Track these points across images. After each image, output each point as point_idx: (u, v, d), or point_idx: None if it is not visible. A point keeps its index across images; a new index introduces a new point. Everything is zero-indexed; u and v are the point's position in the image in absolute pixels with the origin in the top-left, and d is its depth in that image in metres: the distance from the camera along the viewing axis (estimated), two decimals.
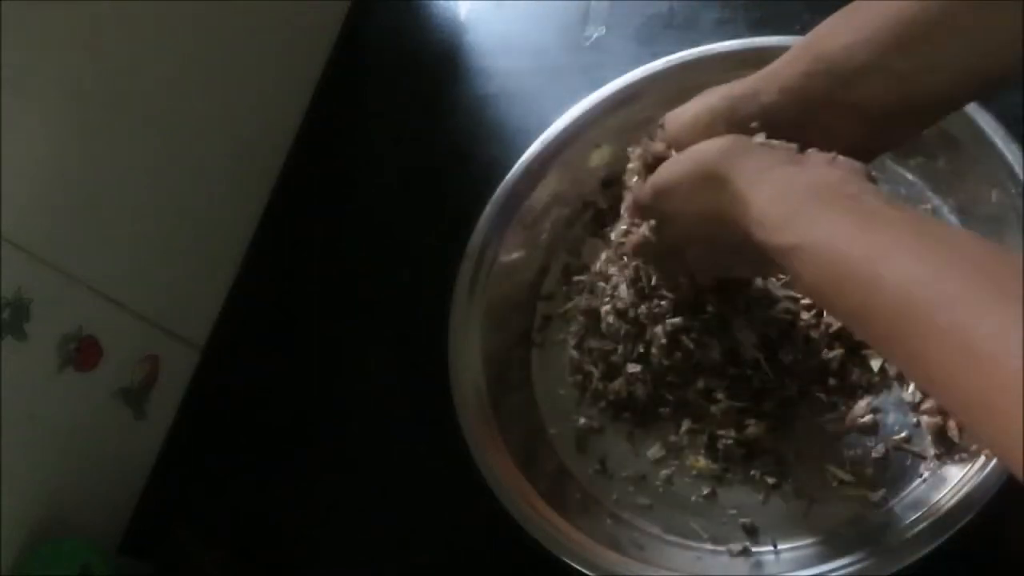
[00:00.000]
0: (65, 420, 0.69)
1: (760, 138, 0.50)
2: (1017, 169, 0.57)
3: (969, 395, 0.35)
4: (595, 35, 0.81)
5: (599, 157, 0.60)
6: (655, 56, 0.71)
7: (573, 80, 0.77)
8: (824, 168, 0.47)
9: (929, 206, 0.63)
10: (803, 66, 0.50)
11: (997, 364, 0.34)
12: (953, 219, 0.62)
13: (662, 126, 0.57)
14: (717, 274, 0.60)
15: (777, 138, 0.50)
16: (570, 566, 0.58)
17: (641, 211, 0.57)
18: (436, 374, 0.67)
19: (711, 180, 0.50)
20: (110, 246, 0.71)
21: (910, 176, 0.64)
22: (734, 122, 0.52)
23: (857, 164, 0.47)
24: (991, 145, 0.58)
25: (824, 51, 0.49)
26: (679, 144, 0.54)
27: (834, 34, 0.49)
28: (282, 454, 0.76)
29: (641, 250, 0.59)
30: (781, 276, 0.61)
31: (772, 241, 0.46)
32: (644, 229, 0.57)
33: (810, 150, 0.49)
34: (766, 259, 0.47)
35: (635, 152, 0.59)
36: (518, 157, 0.72)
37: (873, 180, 0.47)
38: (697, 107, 0.54)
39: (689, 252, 0.57)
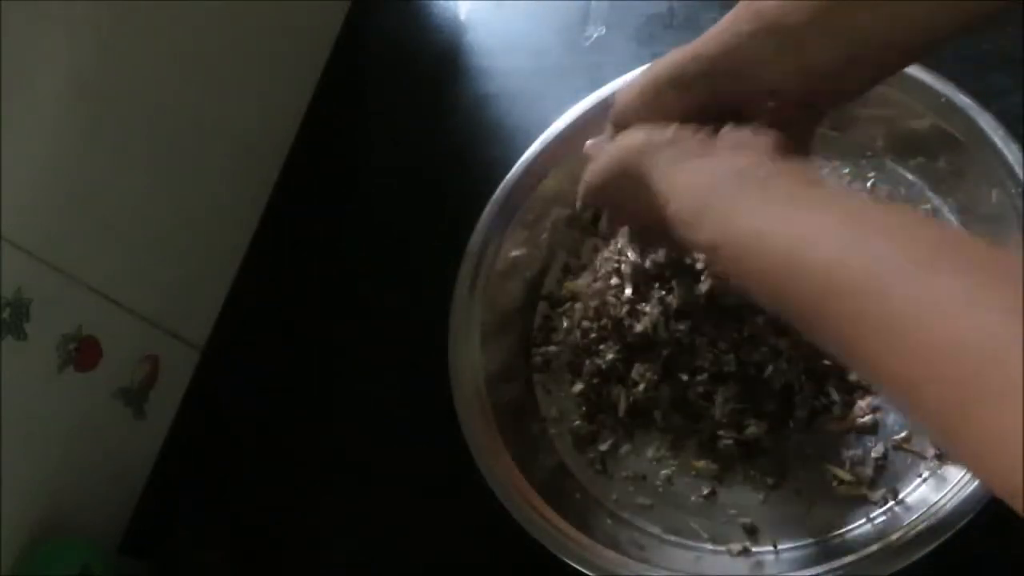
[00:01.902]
0: (65, 420, 0.69)
1: (671, 129, 0.50)
2: (1017, 169, 0.57)
3: (891, 368, 0.34)
4: (595, 35, 0.81)
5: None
6: (655, 56, 0.69)
7: (573, 80, 0.77)
8: (731, 155, 0.46)
9: (929, 206, 0.63)
10: (746, 26, 0.48)
11: (919, 336, 0.32)
12: (953, 219, 0.62)
13: (612, 104, 0.56)
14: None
15: (721, 101, 0.49)
16: (570, 566, 0.58)
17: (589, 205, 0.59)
18: (436, 374, 0.67)
19: (631, 179, 0.51)
20: (110, 246, 0.71)
21: (910, 176, 0.64)
22: (681, 88, 0.51)
23: (767, 141, 0.46)
24: (991, 145, 0.58)
25: (767, 10, 0.47)
26: (628, 120, 0.54)
27: None
28: (282, 454, 0.76)
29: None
30: None
31: (692, 240, 0.46)
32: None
33: (723, 130, 0.48)
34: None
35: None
36: (518, 157, 0.72)
37: (788, 149, 0.46)
38: (643, 79, 0.54)
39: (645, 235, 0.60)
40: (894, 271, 0.35)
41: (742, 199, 0.44)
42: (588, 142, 0.60)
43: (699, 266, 0.63)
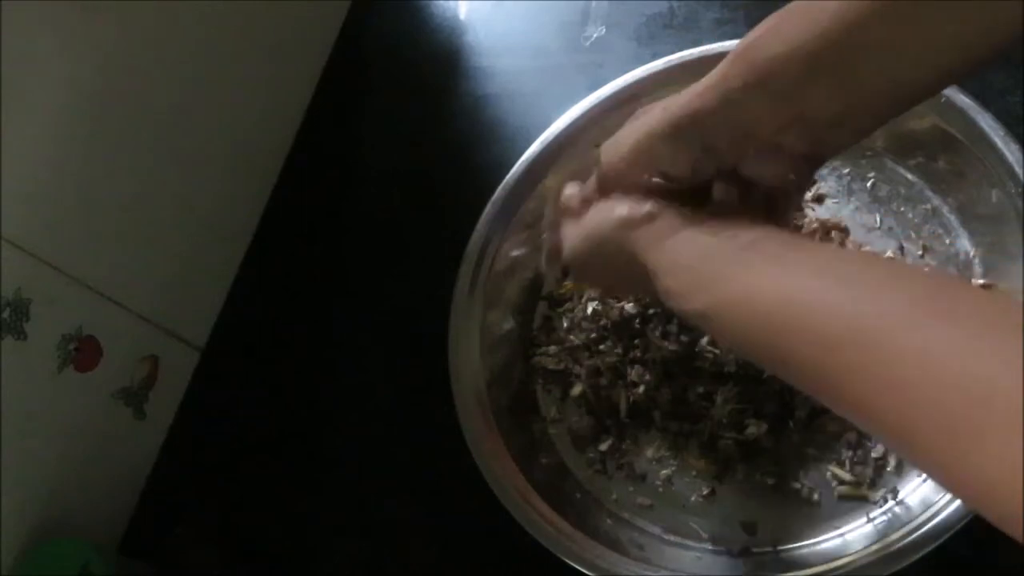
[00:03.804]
0: (65, 420, 0.69)
1: (650, 204, 0.50)
2: (1017, 169, 0.57)
3: (889, 414, 0.35)
4: (595, 35, 0.81)
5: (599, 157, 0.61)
6: (655, 56, 0.71)
7: (573, 80, 0.77)
8: (718, 225, 0.47)
9: (929, 206, 0.63)
10: (740, 81, 0.46)
11: (916, 384, 0.33)
12: (953, 219, 0.62)
13: (598, 161, 0.54)
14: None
15: (717, 154, 0.49)
16: (570, 566, 0.58)
17: (561, 269, 0.59)
18: (436, 374, 0.67)
19: (615, 256, 0.51)
20: (110, 246, 0.71)
21: (910, 176, 0.64)
22: (676, 143, 0.50)
23: (753, 208, 0.48)
24: (991, 145, 0.58)
25: (761, 62, 0.45)
26: (619, 174, 0.53)
27: (770, 43, 0.45)
28: (282, 454, 0.76)
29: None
30: None
31: (681, 310, 0.47)
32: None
33: (709, 205, 0.49)
34: None
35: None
36: (518, 157, 0.72)
37: (774, 213, 0.48)
38: (636, 133, 0.52)
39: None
40: (886, 321, 0.36)
41: (730, 266, 0.44)
42: (565, 191, 0.58)
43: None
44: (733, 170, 0.50)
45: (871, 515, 0.57)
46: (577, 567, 0.58)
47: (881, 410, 0.35)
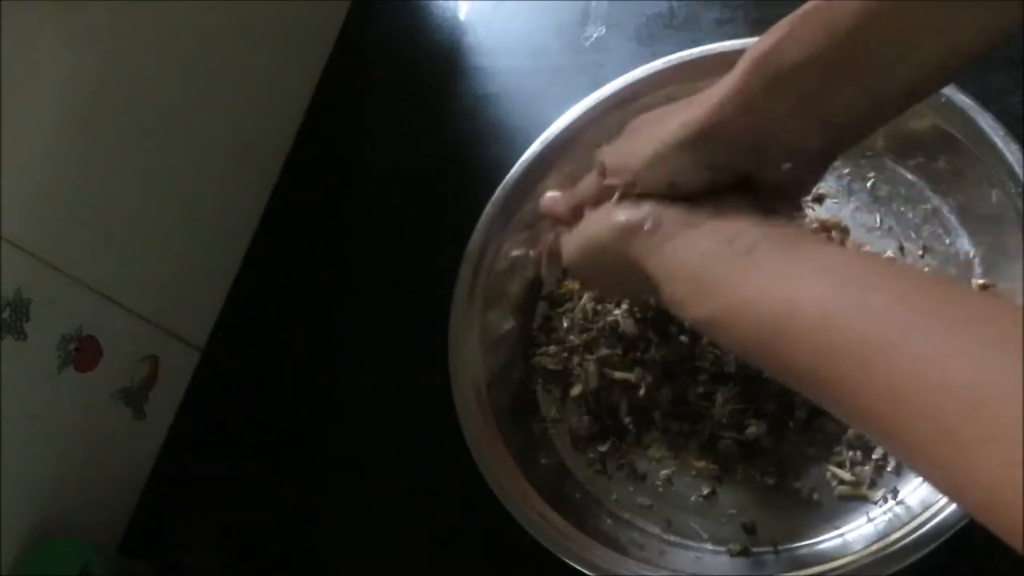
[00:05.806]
0: (65, 420, 0.69)
1: (647, 207, 0.50)
2: (1017, 169, 0.57)
3: (887, 427, 0.35)
4: (595, 35, 0.81)
5: (599, 157, 0.61)
6: (655, 56, 0.71)
7: (573, 80, 0.77)
8: (715, 228, 0.47)
9: (929, 206, 0.63)
10: (762, 89, 0.46)
11: (914, 393, 0.33)
12: (953, 219, 0.62)
13: (599, 166, 0.54)
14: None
15: (736, 161, 0.49)
16: (570, 566, 0.58)
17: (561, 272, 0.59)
18: (436, 374, 0.67)
19: (615, 262, 0.51)
20: (110, 246, 0.71)
21: (910, 176, 0.64)
22: (697, 153, 0.49)
23: (749, 205, 0.48)
24: (991, 145, 0.58)
25: (781, 66, 0.45)
26: (629, 184, 0.52)
27: (788, 51, 0.45)
28: (282, 454, 0.76)
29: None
30: None
31: (687, 317, 0.47)
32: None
33: (703, 201, 0.49)
34: None
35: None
36: (518, 157, 0.72)
37: (771, 210, 0.48)
38: (652, 145, 0.51)
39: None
40: (885, 329, 0.36)
41: (730, 273, 0.44)
42: (545, 197, 0.58)
43: None
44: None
45: (871, 515, 0.56)
46: (577, 567, 0.58)
47: (880, 418, 0.35)
